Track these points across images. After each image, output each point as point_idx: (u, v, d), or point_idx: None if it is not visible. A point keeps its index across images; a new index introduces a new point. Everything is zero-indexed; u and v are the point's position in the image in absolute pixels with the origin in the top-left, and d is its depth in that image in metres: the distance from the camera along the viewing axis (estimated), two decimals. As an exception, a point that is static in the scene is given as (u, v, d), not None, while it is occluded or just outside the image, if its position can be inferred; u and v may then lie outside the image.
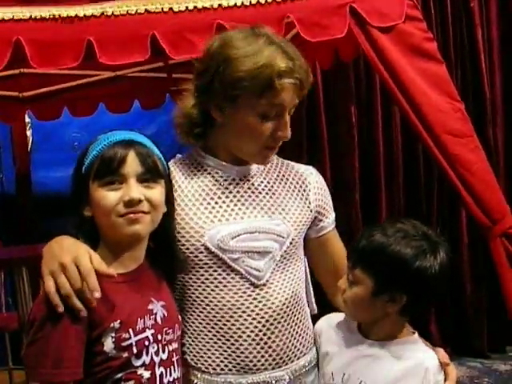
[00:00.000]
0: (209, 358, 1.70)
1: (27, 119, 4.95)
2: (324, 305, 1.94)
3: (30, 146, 5.14)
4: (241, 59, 1.64)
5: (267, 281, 1.71)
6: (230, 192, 1.74)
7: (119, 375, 1.48)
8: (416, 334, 1.79)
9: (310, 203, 1.83)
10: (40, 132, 5.15)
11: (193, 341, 1.72)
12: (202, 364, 1.71)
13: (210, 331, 1.70)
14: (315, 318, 1.91)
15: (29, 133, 5.08)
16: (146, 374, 1.51)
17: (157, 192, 1.56)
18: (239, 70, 1.63)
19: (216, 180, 1.75)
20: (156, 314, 1.57)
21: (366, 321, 1.75)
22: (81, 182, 1.55)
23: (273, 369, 1.71)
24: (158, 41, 2.51)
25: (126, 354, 1.48)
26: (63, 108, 4.52)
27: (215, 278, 1.69)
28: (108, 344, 1.46)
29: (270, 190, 1.78)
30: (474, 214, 2.89)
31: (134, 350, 1.49)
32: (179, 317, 1.69)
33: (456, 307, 4.81)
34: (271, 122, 1.67)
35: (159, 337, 1.56)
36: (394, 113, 4.61)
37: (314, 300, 1.93)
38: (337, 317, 1.88)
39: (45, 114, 4.56)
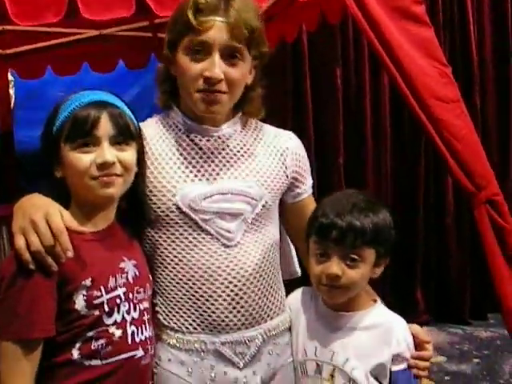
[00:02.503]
0: (181, 317, 1.69)
1: (10, 77, 4.86)
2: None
3: (12, 105, 5.06)
4: (178, 5, 1.67)
5: (238, 242, 1.69)
6: (204, 153, 1.71)
7: (90, 333, 1.47)
8: (378, 301, 1.79)
9: (286, 168, 1.80)
10: (24, 91, 5.07)
11: (164, 300, 1.71)
12: (175, 323, 1.70)
13: (180, 290, 1.68)
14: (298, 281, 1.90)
15: (12, 91, 4.99)
16: (118, 333, 1.50)
17: (129, 154, 1.54)
18: (173, 14, 1.68)
19: (191, 140, 1.72)
20: (127, 272, 1.57)
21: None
22: (51, 143, 1.53)
23: (246, 328, 1.70)
24: (143, -3, 2.44)
25: (97, 312, 1.47)
26: (46, 66, 4.45)
27: (186, 238, 1.68)
28: (79, 302, 1.45)
29: (245, 152, 1.75)
30: (458, 179, 2.84)
31: (106, 308, 1.48)
32: (150, 276, 1.68)
33: (440, 274, 4.83)
34: (201, 63, 1.62)
35: (130, 295, 1.55)
36: (381, 76, 4.59)
37: (297, 264, 1.92)
38: (304, 291, 1.88)
39: (28, 72, 4.49)
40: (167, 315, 1.70)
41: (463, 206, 4.64)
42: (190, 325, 1.68)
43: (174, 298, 1.69)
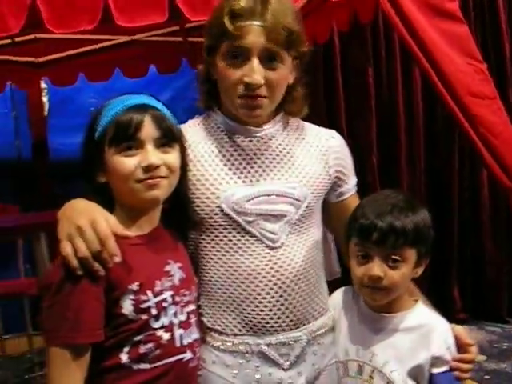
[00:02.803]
0: (225, 319, 1.69)
1: (43, 85, 4.92)
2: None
3: (46, 112, 5.11)
4: (213, 10, 1.67)
5: (282, 243, 1.69)
6: (247, 154, 1.70)
7: (138, 337, 1.47)
8: (420, 302, 1.78)
9: (329, 168, 1.79)
10: (56, 98, 5.12)
11: (208, 302, 1.71)
12: (219, 325, 1.70)
13: (225, 293, 1.68)
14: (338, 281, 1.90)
15: (45, 99, 5.05)
16: (166, 336, 1.50)
17: (173, 156, 1.54)
18: (210, 19, 1.67)
19: (233, 141, 1.71)
20: (173, 275, 1.57)
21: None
22: (94, 148, 1.53)
23: (290, 329, 1.69)
24: (175, 2, 2.45)
25: (144, 316, 1.47)
26: (79, 73, 4.51)
27: (230, 240, 1.68)
28: (127, 306, 1.45)
29: (288, 152, 1.74)
30: (495, 174, 2.83)
31: (153, 312, 1.48)
32: (195, 278, 1.68)
33: (476, 272, 4.79)
34: (241, 68, 1.61)
35: (177, 298, 1.55)
36: (413, 74, 4.56)
37: (338, 264, 1.91)
38: (345, 291, 1.88)
39: (60, 79, 4.56)
40: (211, 317, 1.70)
41: (499, 202, 4.63)
42: (235, 327, 1.68)
43: (218, 300, 1.69)
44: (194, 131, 1.75)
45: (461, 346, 1.72)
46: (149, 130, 1.50)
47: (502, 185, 2.85)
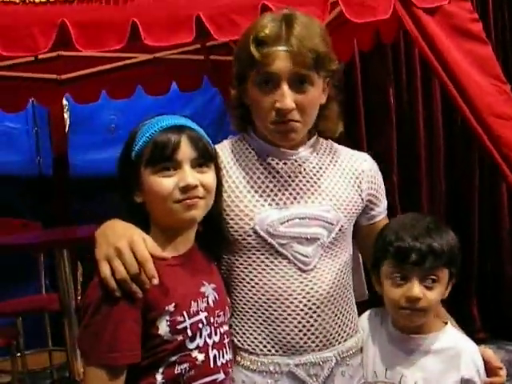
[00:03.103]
0: (255, 339, 1.70)
1: (64, 102, 4.96)
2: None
3: (67, 129, 5.16)
4: (241, 36, 1.69)
5: (315, 266, 1.70)
6: (282, 176, 1.72)
7: (174, 358, 1.48)
8: (449, 324, 1.79)
9: (361, 191, 1.80)
10: (77, 115, 5.16)
11: (239, 322, 1.72)
12: (249, 345, 1.71)
13: (255, 313, 1.69)
14: (366, 304, 1.91)
15: (66, 115, 5.10)
16: (200, 357, 1.51)
17: (210, 176, 1.55)
18: (237, 47, 1.69)
19: (268, 163, 1.73)
20: (208, 296, 1.58)
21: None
22: (130, 168, 1.54)
23: (320, 350, 1.70)
24: (202, 22, 2.49)
25: (180, 337, 1.48)
26: (101, 91, 4.54)
27: (262, 262, 1.69)
28: (163, 327, 1.46)
29: (321, 175, 1.76)
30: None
31: (189, 333, 1.49)
32: (228, 299, 1.69)
33: (496, 290, 4.76)
34: (271, 94, 1.62)
35: (212, 319, 1.56)
36: (434, 94, 4.57)
37: (365, 286, 1.92)
38: (373, 313, 1.89)
39: (83, 96, 4.58)
40: (241, 337, 1.72)
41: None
42: (265, 347, 1.69)
43: (248, 319, 1.71)
44: (228, 152, 1.77)
45: (490, 369, 1.73)
46: (186, 150, 1.51)
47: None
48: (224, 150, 1.77)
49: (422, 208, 4.60)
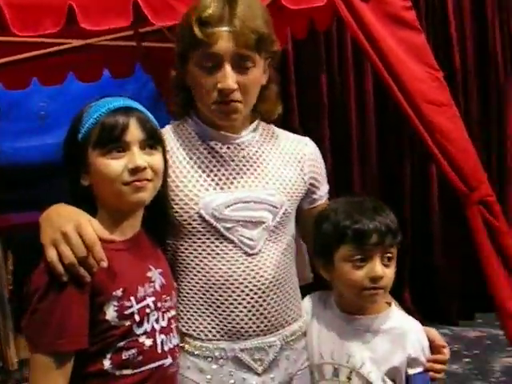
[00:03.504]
0: (201, 324, 1.70)
1: (-7, 88, 4.83)
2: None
3: (-5, 115, 5.04)
4: (182, 18, 1.69)
5: (260, 250, 1.71)
6: (225, 160, 1.72)
7: (121, 344, 1.47)
8: (393, 305, 1.84)
9: (304, 175, 1.82)
10: (6, 101, 5.04)
11: (184, 307, 1.72)
12: (194, 330, 1.71)
13: (201, 298, 1.70)
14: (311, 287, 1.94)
15: (-5, 102, 4.98)
16: (148, 342, 1.51)
17: (158, 159, 1.55)
18: (179, 27, 1.69)
19: (211, 147, 1.73)
20: (155, 281, 1.57)
21: None
22: (76, 150, 1.52)
23: (264, 335, 1.72)
24: (139, 6, 2.46)
25: (128, 323, 1.47)
26: (32, 77, 4.41)
27: (208, 246, 1.69)
28: (110, 312, 1.45)
29: (264, 159, 1.77)
30: (452, 181, 2.91)
31: (136, 318, 1.48)
32: (174, 284, 1.69)
33: (426, 275, 4.88)
34: (214, 75, 1.64)
35: (159, 304, 1.56)
36: (365, 81, 4.67)
37: (310, 269, 1.94)
38: (315, 296, 1.93)
39: (13, 82, 4.44)
40: (186, 322, 1.71)
41: (449, 207, 4.74)
42: (210, 332, 1.70)
43: (194, 305, 1.71)
44: (171, 137, 1.76)
45: (434, 348, 1.78)
46: (134, 132, 1.50)
47: (458, 191, 2.93)
48: (167, 134, 1.75)
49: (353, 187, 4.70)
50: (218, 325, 1.69)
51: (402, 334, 1.75)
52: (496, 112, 4.86)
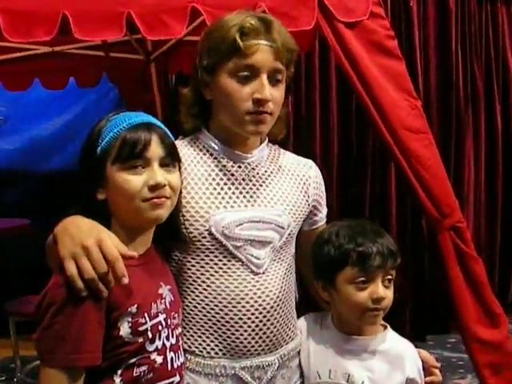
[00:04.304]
0: (203, 341, 1.70)
1: (-45, 92, 4.73)
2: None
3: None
4: (214, 29, 1.71)
5: (266, 269, 1.72)
6: (236, 179, 1.73)
7: (133, 360, 1.46)
8: (388, 327, 1.87)
9: (308, 197, 1.85)
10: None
11: (187, 324, 1.71)
12: (196, 347, 1.70)
13: (205, 315, 1.69)
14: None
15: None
16: (159, 359, 1.50)
17: (176, 176, 1.54)
18: (211, 38, 1.69)
19: (223, 165, 1.73)
20: (165, 298, 1.56)
21: None
22: (94, 164, 1.50)
23: (265, 354, 1.73)
24: (133, 20, 2.46)
25: (141, 339, 1.46)
26: (-5, 81, 4.36)
27: (215, 264, 1.69)
28: (124, 329, 1.43)
29: (273, 179, 1.78)
30: (425, 207, 2.98)
31: (149, 335, 1.47)
32: (180, 301, 1.68)
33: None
34: (249, 85, 1.65)
35: (169, 321, 1.55)
36: (330, 104, 4.73)
37: (297, 289, 1.97)
38: (310, 316, 1.95)
39: (-23, 86, 4.39)
40: (188, 339, 1.71)
41: (406, 229, 4.85)
42: (212, 349, 1.70)
43: (197, 322, 1.70)
44: (181, 152, 1.72)
45: (427, 369, 1.83)
46: (155, 148, 1.49)
47: (430, 217, 3.00)
48: (181, 147, 1.73)
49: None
50: (220, 343, 1.69)
51: (399, 356, 1.79)
52: (455, 141, 4.98)
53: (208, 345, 1.70)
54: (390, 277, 1.77)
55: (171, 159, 1.53)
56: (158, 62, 4.52)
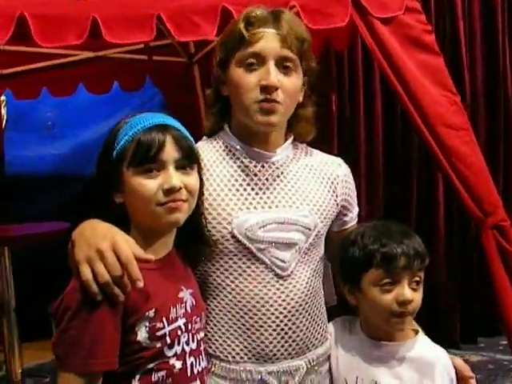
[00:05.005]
0: (228, 346, 1.68)
1: (2, 97, 4.83)
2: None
3: (3, 125, 5.01)
4: (228, 25, 1.73)
5: (291, 272, 1.69)
6: (259, 179, 1.70)
7: (151, 365, 1.44)
8: (420, 332, 1.82)
9: (337, 196, 1.80)
10: (14, 111, 5.04)
11: (212, 328, 1.69)
12: (221, 352, 1.68)
13: (230, 319, 1.67)
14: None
15: (3, 111, 4.95)
16: (178, 365, 1.48)
17: (193, 178, 1.51)
18: (224, 34, 1.72)
19: (245, 166, 1.71)
20: (186, 302, 1.54)
21: None
22: (111, 167, 1.49)
23: (292, 358, 1.69)
24: (163, 22, 2.45)
25: (159, 344, 1.44)
26: (42, 87, 4.43)
27: (239, 267, 1.67)
28: (142, 333, 1.42)
29: (298, 179, 1.75)
30: (467, 205, 2.91)
31: (168, 340, 1.45)
32: (203, 305, 1.66)
33: (429, 298, 4.83)
34: (255, 73, 1.63)
35: (189, 326, 1.53)
36: (375, 105, 4.64)
37: (334, 291, 1.92)
38: (341, 320, 1.90)
39: (23, 92, 4.46)
40: (213, 344, 1.69)
41: (453, 230, 4.75)
42: (237, 354, 1.67)
43: (223, 326, 1.68)
44: (203, 154, 1.72)
45: (461, 378, 1.76)
46: (170, 151, 1.46)
47: (473, 216, 2.92)
48: (203, 148, 1.72)
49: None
50: (246, 347, 1.67)
51: (430, 364, 1.73)
52: (504, 135, 4.85)
53: (233, 349, 1.68)
54: (417, 279, 1.71)
55: (188, 161, 1.50)
56: (201, 64, 4.53)
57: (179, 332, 1.49)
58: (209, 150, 1.75)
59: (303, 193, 1.74)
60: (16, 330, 3.60)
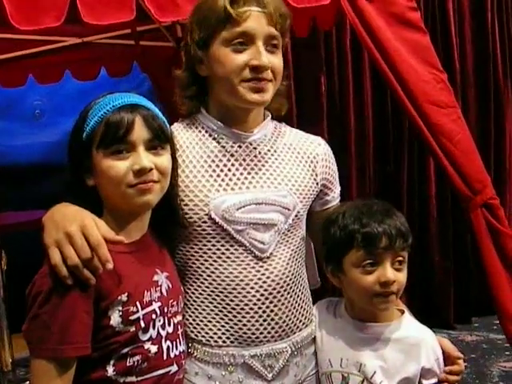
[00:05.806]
0: (210, 330, 1.65)
1: (-11, 86, 4.79)
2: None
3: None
4: (203, 2, 1.65)
5: (271, 254, 1.66)
6: (236, 159, 1.67)
7: (125, 350, 1.42)
8: (406, 313, 1.78)
9: (316, 175, 1.77)
10: (2, 100, 5.01)
11: (193, 312, 1.66)
12: (203, 336, 1.66)
13: (211, 303, 1.65)
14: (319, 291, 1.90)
15: (-10, 99, 4.94)
16: (153, 349, 1.46)
17: (165, 159, 1.48)
18: (200, 11, 1.64)
19: (222, 146, 1.67)
20: (161, 285, 1.52)
21: None
22: (81, 150, 1.46)
23: (275, 341, 1.67)
24: (143, 1, 2.41)
25: (133, 329, 1.42)
26: (28, 75, 4.40)
27: (218, 249, 1.64)
28: (115, 318, 1.39)
29: (276, 158, 1.72)
30: (455, 184, 2.88)
31: (142, 324, 1.43)
32: (182, 288, 1.64)
33: (423, 278, 4.83)
34: (245, 53, 1.60)
35: (165, 309, 1.51)
36: (364, 84, 4.60)
37: (317, 273, 1.90)
38: (325, 302, 1.87)
39: (9, 80, 4.43)
40: (195, 328, 1.66)
41: (446, 211, 4.73)
42: (220, 338, 1.64)
43: (203, 310, 1.65)
44: (179, 135, 1.70)
45: (448, 358, 1.73)
46: (140, 131, 1.43)
47: (461, 194, 2.90)
48: (176, 132, 1.69)
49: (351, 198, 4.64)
50: (228, 330, 1.64)
51: (416, 345, 1.69)
52: (494, 114, 4.82)
53: (215, 333, 1.65)
54: (400, 258, 1.67)
55: (159, 141, 1.47)
56: (189, 48, 4.49)
57: (154, 316, 1.46)
58: (185, 132, 1.71)
59: (281, 172, 1.70)
60: (5, 321, 3.59)
